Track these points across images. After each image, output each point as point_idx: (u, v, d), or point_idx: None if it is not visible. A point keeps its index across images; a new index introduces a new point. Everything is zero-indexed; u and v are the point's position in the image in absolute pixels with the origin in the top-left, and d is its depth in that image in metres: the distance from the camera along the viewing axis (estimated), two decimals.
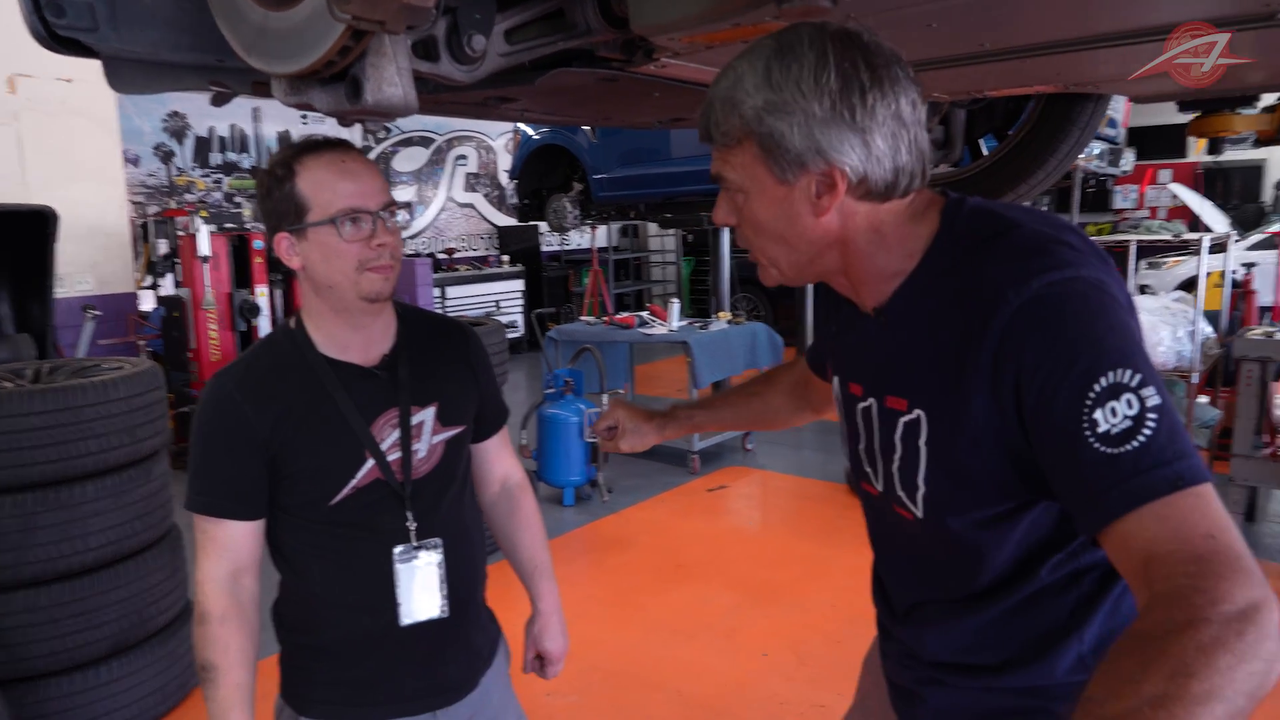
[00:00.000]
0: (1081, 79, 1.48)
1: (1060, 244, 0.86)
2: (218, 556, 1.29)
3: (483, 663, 1.49)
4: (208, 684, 1.28)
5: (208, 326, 5.81)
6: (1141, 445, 0.74)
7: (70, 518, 2.63)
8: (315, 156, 1.23)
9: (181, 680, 3.03)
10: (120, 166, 6.46)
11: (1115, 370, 0.77)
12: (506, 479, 1.61)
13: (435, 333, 1.45)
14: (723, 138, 0.90)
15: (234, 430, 1.28)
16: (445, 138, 11.39)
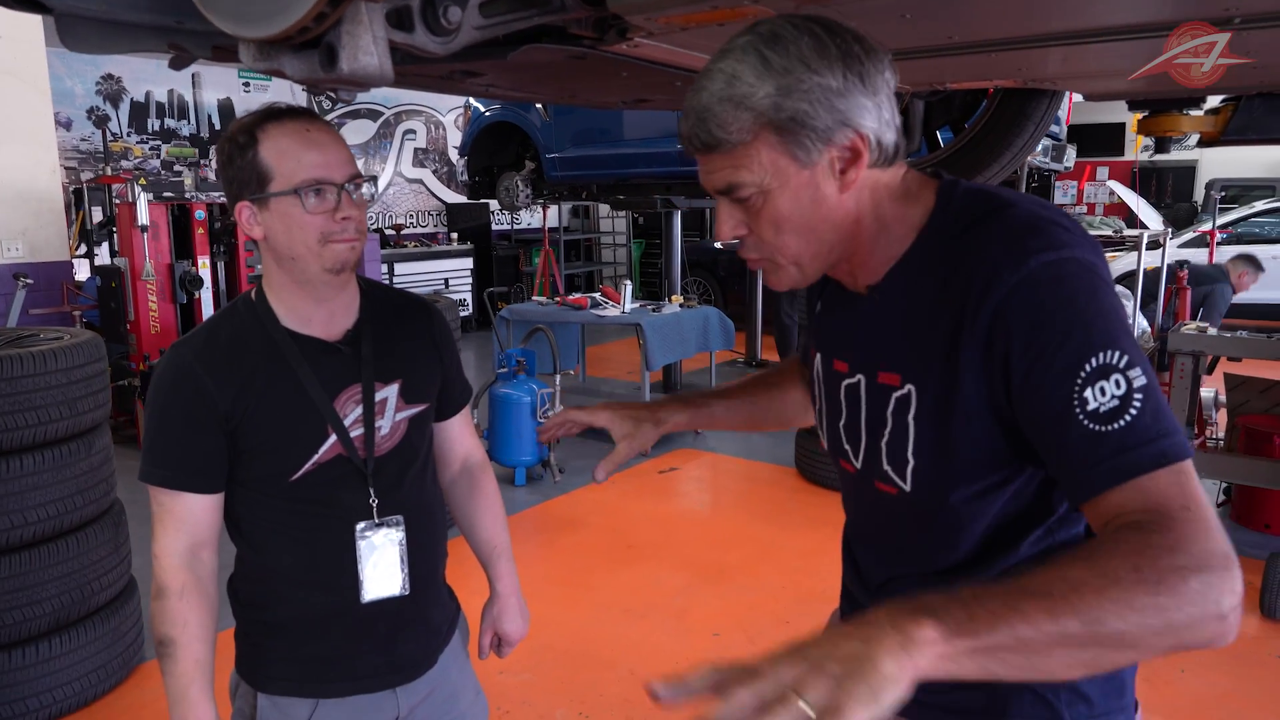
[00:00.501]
0: (1043, 75, 1.52)
1: (1054, 224, 0.88)
2: (176, 531, 1.27)
3: (441, 640, 1.49)
4: (166, 659, 1.26)
5: (148, 298, 5.64)
6: (1128, 424, 0.78)
7: (7, 491, 2.56)
8: (279, 124, 1.21)
9: (125, 658, 2.97)
10: (52, 129, 6.20)
11: (1105, 351, 0.80)
12: (468, 458, 1.60)
13: (399, 309, 1.44)
14: (731, 139, 0.88)
15: (193, 402, 1.25)
16: (393, 111, 11.18)
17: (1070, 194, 14.87)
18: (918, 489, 0.97)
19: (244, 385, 1.26)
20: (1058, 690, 0.97)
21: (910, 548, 1.04)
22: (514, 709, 2.86)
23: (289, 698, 1.35)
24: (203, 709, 1.26)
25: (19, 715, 2.69)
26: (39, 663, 2.70)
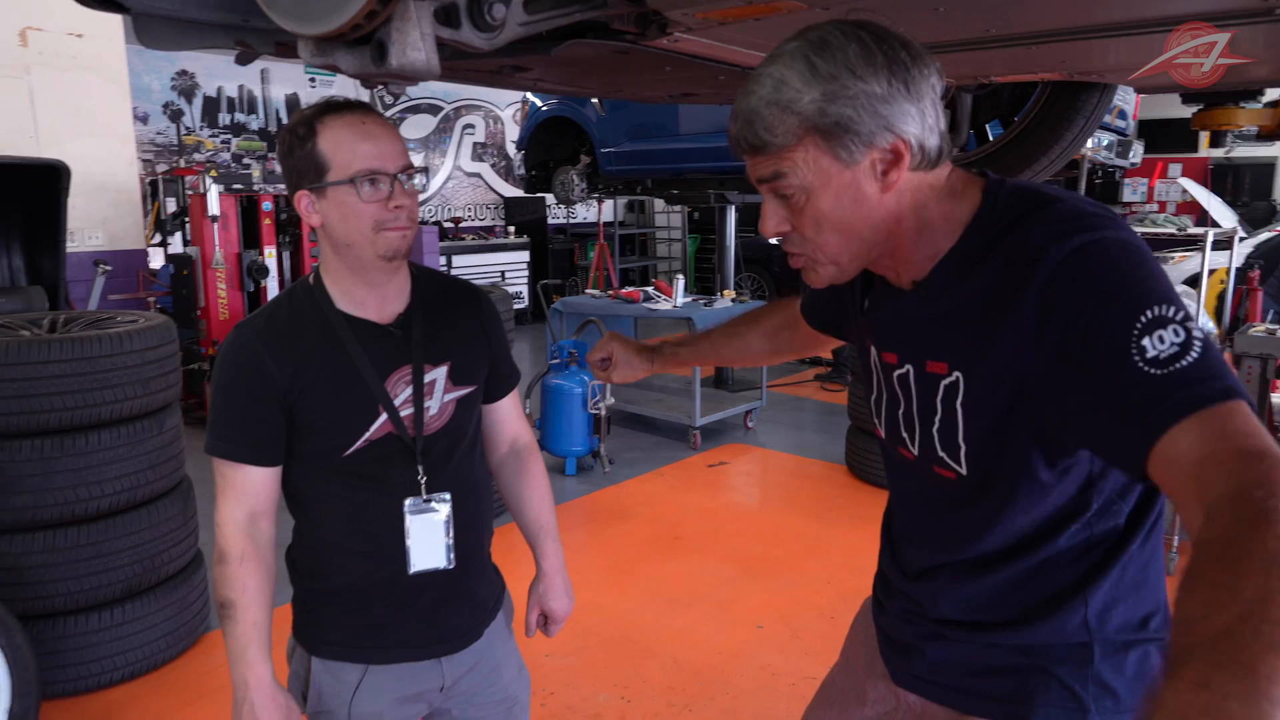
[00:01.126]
0: (1087, 68, 1.51)
1: (1096, 215, 0.90)
2: (236, 500, 1.34)
3: (486, 615, 1.54)
4: (227, 620, 1.33)
5: (217, 286, 5.87)
6: (1190, 364, 0.77)
7: (86, 464, 2.71)
8: (337, 117, 1.27)
9: (191, 626, 3.12)
10: (130, 123, 6.47)
11: (1159, 305, 0.80)
12: (516, 440, 1.65)
13: (449, 294, 1.49)
14: (778, 141, 0.92)
15: (254, 379, 1.32)
16: (453, 106, 11.37)
17: (1140, 191, 14.42)
18: (973, 472, 0.99)
19: (301, 364, 1.33)
20: (1085, 682, 0.99)
21: (955, 534, 1.06)
22: (558, 690, 2.93)
23: (341, 662, 1.42)
24: (260, 667, 1.33)
25: (95, 675, 2.85)
26: (113, 626, 2.85)
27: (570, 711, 2.81)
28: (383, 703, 1.43)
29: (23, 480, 2.65)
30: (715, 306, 5.99)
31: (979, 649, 1.05)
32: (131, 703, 2.85)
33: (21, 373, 2.61)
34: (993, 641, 1.04)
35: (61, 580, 2.75)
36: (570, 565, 1.70)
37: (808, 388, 7.45)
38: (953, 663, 1.08)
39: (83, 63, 6.08)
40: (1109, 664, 0.99)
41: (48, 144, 5.89)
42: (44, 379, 2.63)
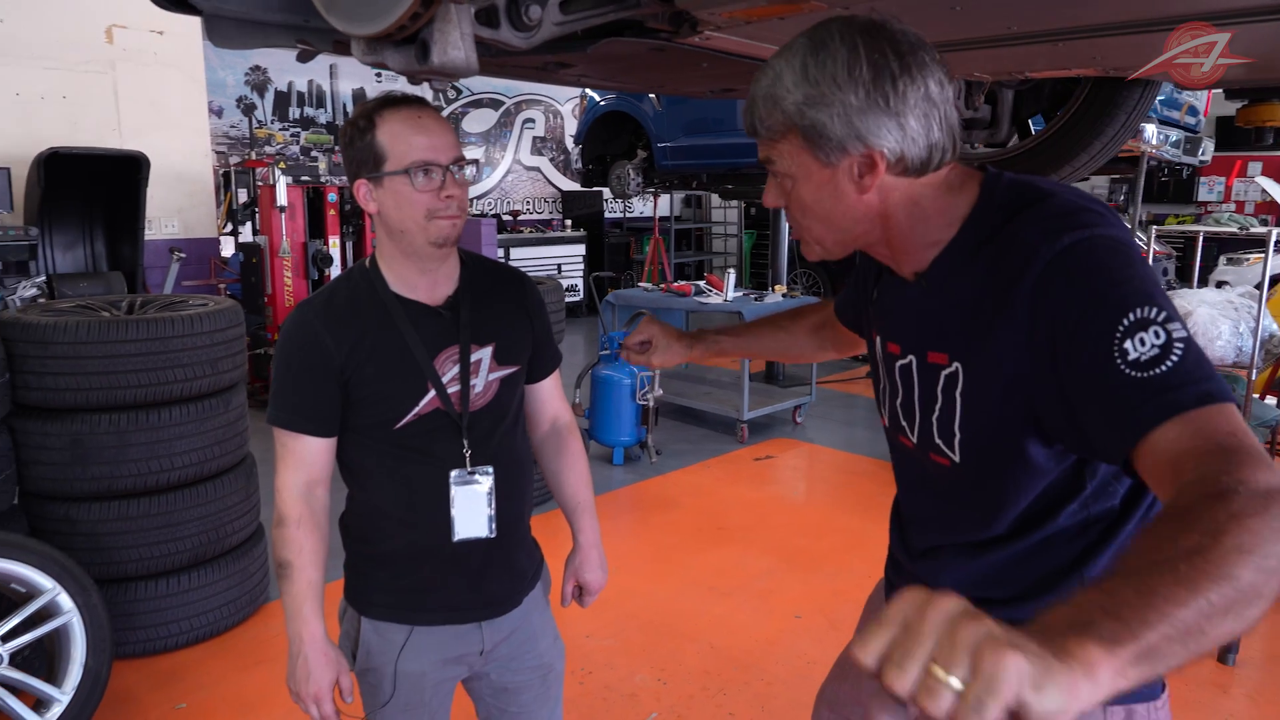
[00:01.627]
0: (1122, 64, 1.52)
1: (1087, 210, 0.94)
2: (295, 468, 1.44)
3: (525, 583, 1.62)
4: (284, 579, 1.43)
5: (283, 273, 6.09)
6: (1170, 368, 0.80)
7: (158, 438, 2.88)
8: (394, 110, 1.35)
9: (252, 595, 3.29)
10: (205, 117, 6.76)
11: (1141, 307, 0.83)
12: (556, 419, 1.72)
13: (496, 279, 1.57)
14: (768, 131, 0.99)
15: (313, 355, 1.40)
16: (514, 100, 11.54)
17: (1217, 190, 13.91)
18: (966, 460, 1.03)
19: (357, 342, 1.41)
20: None
21: (956, 518, 1.10)
22: (597, 670, 3.01)
23: (388, 623, 1.51)
24: (314, 623, 1.43)
25: (162, 638, 3.03)
26: (180, 592, 3.03)
27: (608, 690, 2.89)
28: (426, 662, 1.51)
29: (101, 452, 2.83)
30: (765, 301, 6.01)
31: None
32: (195, 665, 3.02)
33: (101, 350, 2.78)
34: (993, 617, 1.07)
35: (134, 547, 2.92)
36: (614, 552, 1.76)
37: (859, 384, 7.41)
38: None
39: (163, 58, 6.36)
40: None
41: (129, 136, 6.19)
42: (121, 357, 2.80)
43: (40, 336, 2.76)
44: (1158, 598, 0.62)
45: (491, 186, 11.53)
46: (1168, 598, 0.62)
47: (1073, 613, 0.63)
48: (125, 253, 5.95)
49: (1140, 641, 0.61)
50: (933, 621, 0.59)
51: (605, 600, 3.69)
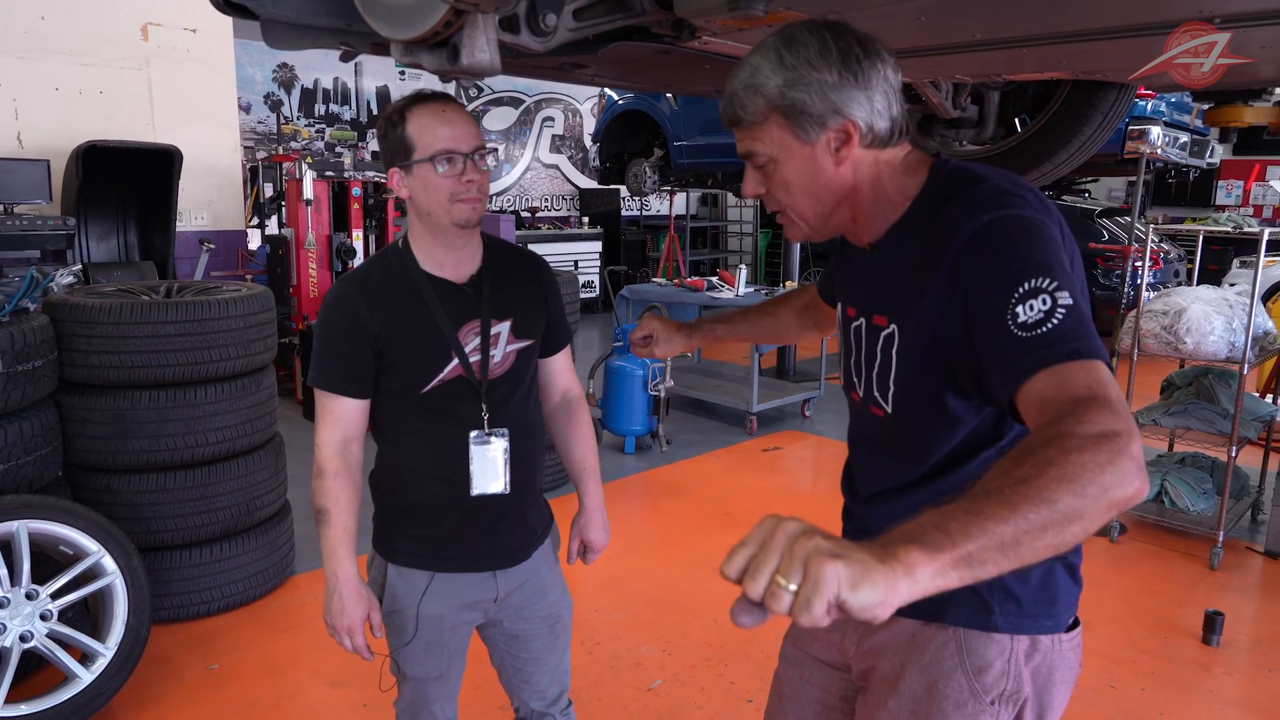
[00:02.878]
0: (1089, 67, 1.65)
1: (1012, 194, 1.08)
2: (332, 425, 1.59)
3: (536, 538, 1.77)
4: (322, 525, 1.59)
5: (308, 265, 6.28)
6: (1050, 330, 0.94)
7: (194, 415, 3.06)
8: (423, 105, 1.50)
9: (279, 567, 3.47)
10: (235, 112, 6.96)
11: (1036, 278, 0.97)
12: (567, 392, 1.88)
13: (515, 261, 1.72)
14: (749, 118, 1.12)
15: (351, 324, 1.56)
16: (534, 99, 11.71)
17: (1235, 195, 13.90)
18: (896, 411, 1.18)
19: (389, 313, 1.57)
20: (991, 588, 1.16)
21: (890, 463, 1.25)
22: (605, 641, 3.16)
23: (412, 569, 1.67)
24: (348, 565, 1.59)
25: (195, 605, 3.21)
26: (212, 562, 3.21)
27: (615, 659, 3.04)
28: (445, 606, 1.67)
29: (141, 427, 3.01)
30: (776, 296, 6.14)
31: None
32: (227, 631, 3.20)
33: (142, 330, 2.96)
34: None
35: (170, 517, 3.10)
36: (622, 533, 1.91)
37: None
38: None
39: (195, 55, 6.57)
40: (1014, 575, 1.12)
41: (163, 130, 6.39)
42: (161, 337, 2.98)
43: (86, 317, 2.94)
44: (981, 516, 0.75)
45: (511, 183, 11.71)
46: (990, 515, 0.75)
47: (909, 528, 0.75)
48: (156, 243, 6.15)
49: (959, 550, 0.73)
50: (778, 539, 0.72)
51: (614, 578, 3.86)
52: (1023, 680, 1.17)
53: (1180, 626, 3.34)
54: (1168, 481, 4.16)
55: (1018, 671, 1.17)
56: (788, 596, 0.69)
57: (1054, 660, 1.19)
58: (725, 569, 0.74)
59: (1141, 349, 4.02)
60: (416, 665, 1.71)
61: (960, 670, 1.17)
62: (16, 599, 2.49)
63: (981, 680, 1.17)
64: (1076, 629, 1.22)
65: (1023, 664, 1.17)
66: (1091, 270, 8.21)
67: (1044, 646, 1.18)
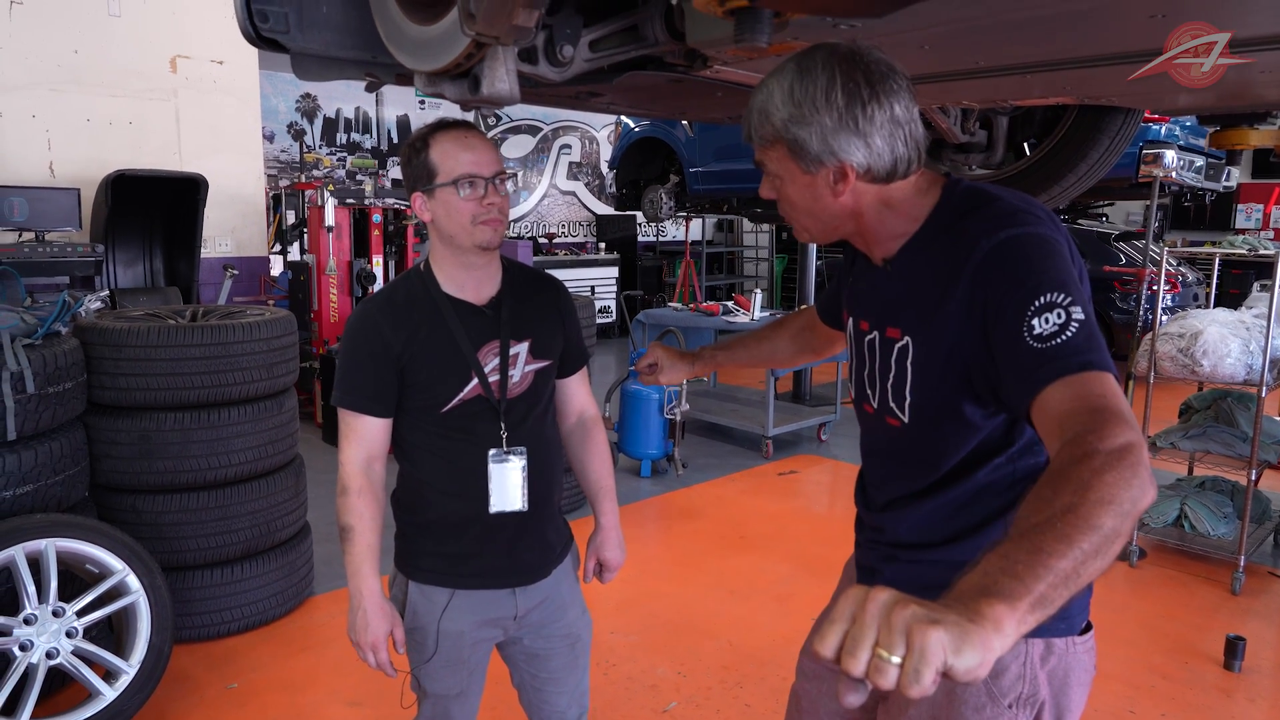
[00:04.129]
0: (1094, 92, 1.68)
1: (1026, 213, 1.13)
2: (356, 444, 1.63)
3: (555, 556, 1.80)
4: (346, 542, 1.62)
5: (329, 291, 6.38)
6: (1064, 342, 1.00)
7: (218, 436, 3.11)
8: (445, 132, 1.56)
9: (298, 588, 3.50)
10: (259, 141, 7.11)
11: (1050, 292, 1.03)
12: (583, 412, 1.91)
13: (533, 283, 1.77)
14: (761, 139, 1.19)
15: (375, 344, 1.60)
16: (551, 127, 11.87)
17: (1255, 217, 13.83)
18: (914, 421, 1.22)
19: (412, 334, 1.61)
20: None
21: (905, 471, 1.28)
22: (620, 663, 3.17)
23: (432, 586, 1.70)
24: (372, 580, 1.62)
25: (216, 624, 3.25)
26: (233, 582, 3.25)
27: (630, 681, 3.05)
28: (465, 623, 1.70)
29: (166, 448, 3.07)
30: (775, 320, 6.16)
31: (923, 566, 1.26)
32: (246, 650, 3.23)
33: (169, 354, 3.03)
34: (934, 559, 1.25)
35: (192, 537, 3.15)
36: (638, 556, 1.94)
37: None
38: (904, 579, 1.26)
39: (222, 86, 6.73)
40: None
41: (189, 159, 6.54)
42: (186, 360, 3.05)
43: (114, 340, 3.01)
44: (1044, 554, 0.78)
45: (528, 210, 11.84)
46: (1051, 552, 0.78)
47: (978, 579, 0.76)
48: (181, 269, 6.27)
49: (1033, 593, 0.75)
50: (871, 612, 0.72)
51: (630, 600, 3.86)
52: (1039, 683, 1.19)
53: (1201, 652, 3.31)
54: (1188, 506, 4.13)
55: (1033, 675, 1.19)
56: (893, 670, 0.69)
57: (1069, 663, 1.21)
58: (820, 648, 0.73)
59: (1158, 372, 4.01)
60: (437, 682, 1.73)
61: None
62: (44, 616, 2.54)
63: (999, 684, 1.19)
64: (1089, 632, 1.24)
65: (1038, 667, 1.19)
66: (1109, 294, 8.19)
67: (1059, 649, 1.20)
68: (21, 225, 5.54)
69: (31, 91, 5.92)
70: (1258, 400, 3.79)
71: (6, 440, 2.62)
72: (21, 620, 2.50)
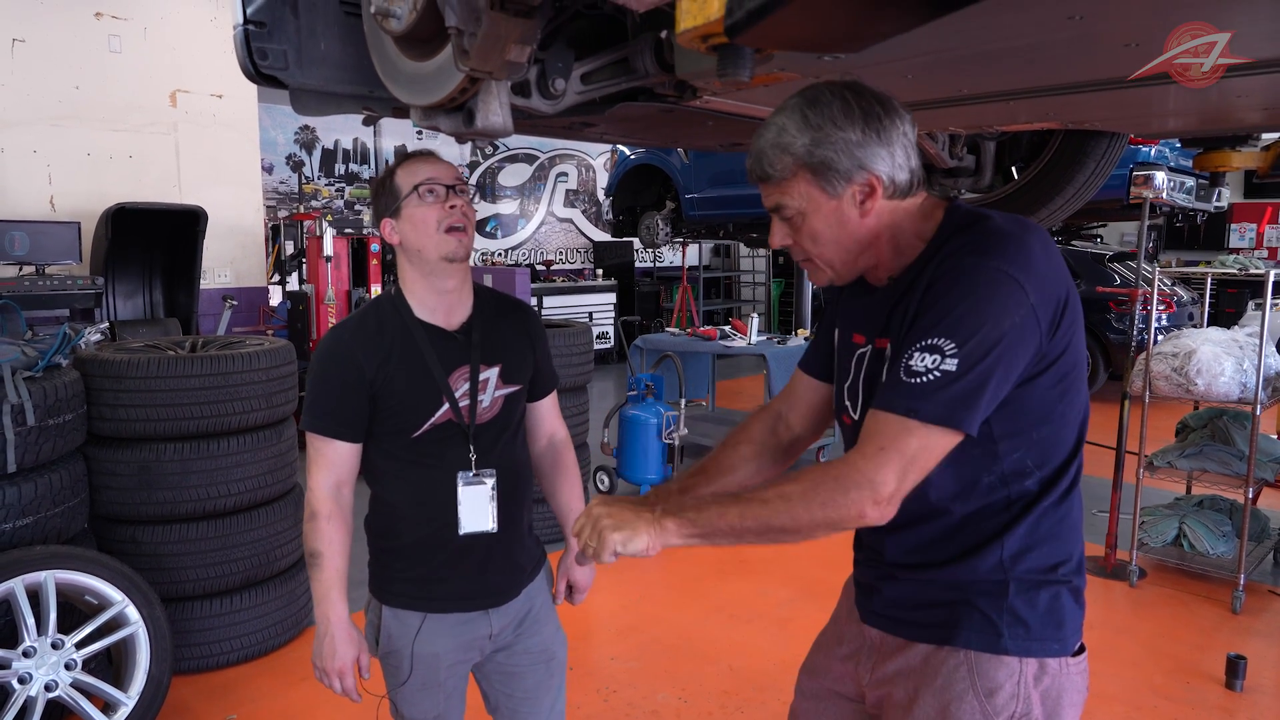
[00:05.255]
0: (1078, 118, 1.72)
1: (1005, 240, 1.14)
2: (326, 469, 1.63)
3: (525, 576, 1.80)
4: (314, 568, 1.62)
5: (328, 320, 6.41)
6: (917, 383, 1.10)
7: (217, 466, 3.12)
8: (408, 160, 1.62)
9: (297, 618, 3.49)
10: (258, 173, 7.17)
11: (946, 338, 1.10)
12: (553, 435, 1.92)
13: (503, 308, 1.79)
14: (778, 175, 1.19)
15: (347, 370, 1.61)
16: (548, 155, 11.97)
17: (1248, 237, 13.93)
18: None
19: (384, 359, 1.61)
20: (1001, 613, 1.21)
21: None
22: (620, 689, 3.15)
23: (405, 610, 1.70)
24: (339, 606, 1.61)
25: (215, 655, 3.23)
26: (232, 612, 3.24)
27: (630, 708, 3.03)
28: (440, 646, 1.70)
29: (165, 478, 3.08)
30: (789, 345, 6.19)
31: (920, 586, 1.27)
32: (245, 681, 3.22)
33: (168, 385, 3.05)
34: (930, 579, 1.26)
35: (192, 568, 3.15)
36: (638, 581, 1.95)
37: None
38: (901, 598, 1.30)
39: (221, 120, 6.81)
40: (1022, 599, 1.21)
41: (188, 191, 6.60)
42: (186, 390, 3.07)
43: (114, 372, 3.03)
44: (720, 511, 1.17)
45: (526, 237, 11.91)
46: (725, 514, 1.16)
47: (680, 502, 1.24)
48: (181, 300, 6.31)
49: (697, 526, 1.17)
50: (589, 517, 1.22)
51: (629, 625, 3.85)
52: (1032, 703, 1.20)
53: (1203, 671, 3.30)
54: (1186, 525, 4.14)
55: (1027, 694, 1.20)
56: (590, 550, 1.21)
57: (1062, 684, 1.22)
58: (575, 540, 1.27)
59: (1153, 391, 4.03)
60: (414, 707, 1.73)
61: (972, 693, 1.21)
62: (43, 648, 2.53)
63: (993, 702, 1.20)
64: (1083, 654, 1.25)
65: (1032, 686, 1.20)
66: (1104, 314, 8.23)
67: (1052, 670, 1.21)
68: (22, 259, 5.59)
69: (33, 127, 5.99)
70: (1252, 419, 3.81)
71: (7, 473, 2.63)
72: (20, 653, 2.50)
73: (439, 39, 1.26)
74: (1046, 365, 1.16)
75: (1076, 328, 1.18)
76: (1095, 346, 8.38)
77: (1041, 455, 1.20)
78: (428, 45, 1.30)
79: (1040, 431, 1.19)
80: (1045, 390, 1.17)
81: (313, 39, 1.50)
